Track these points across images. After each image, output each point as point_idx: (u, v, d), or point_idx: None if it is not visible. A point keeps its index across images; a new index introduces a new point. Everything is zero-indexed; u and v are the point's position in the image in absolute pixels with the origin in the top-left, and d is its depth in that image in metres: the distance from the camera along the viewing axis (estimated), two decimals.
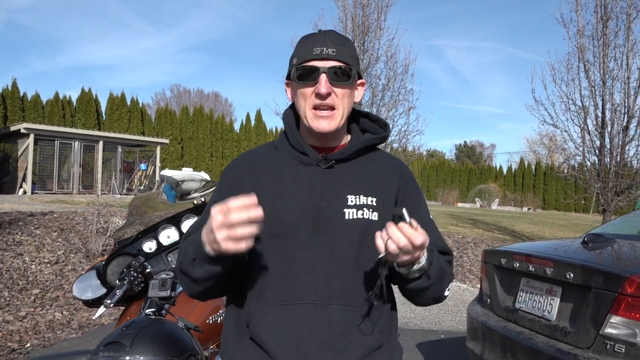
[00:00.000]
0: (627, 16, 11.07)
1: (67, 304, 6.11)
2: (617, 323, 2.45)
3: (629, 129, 10.98)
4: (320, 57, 1.28)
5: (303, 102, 1.32)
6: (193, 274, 1.22)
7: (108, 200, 9.75)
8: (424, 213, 1.40)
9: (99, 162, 20.73)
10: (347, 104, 1.33)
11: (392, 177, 1.38)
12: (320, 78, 1.27)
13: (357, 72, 1.34)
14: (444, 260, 1.34)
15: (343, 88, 1.30)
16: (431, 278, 1.23)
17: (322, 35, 1.31)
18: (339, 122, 1.32)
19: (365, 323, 1.28)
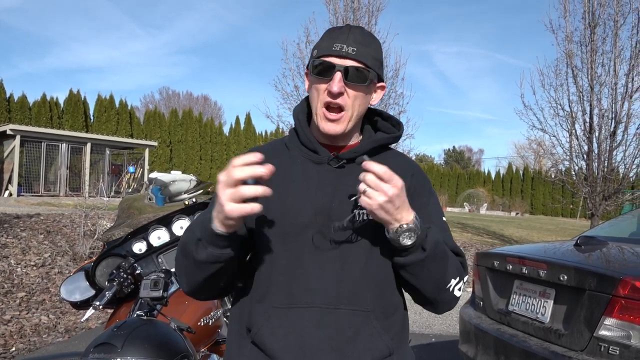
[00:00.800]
0: (614, 23, 11.22)
1: (54, 307, 6.02)
2: (611, 325, 2.44)
3: (616, 134, 11.11)
4: (339, 54, 1.23)
5: (316, 97, 1.28)
6: (196, 255, 1.16)
7: (96, 202, 9.63)
8: (434, 212, 1.35)
9: (87, 165, 20.53)
10: (359, 105, 1.28)
11: (403, 177, 1.34)
12: (335, 76, 1.22)
13: (376, 74, 1.29)
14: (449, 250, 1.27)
15: (357, 90, 1.25)
16: (426, 250, 1.17)
17: (347, 31, 1.26)
18: (346, 124, 1.28)
19: (375, 328, 1.24)
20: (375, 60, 1.27)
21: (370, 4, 12.90)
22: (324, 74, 1.24)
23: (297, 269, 1.22)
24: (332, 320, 1.20)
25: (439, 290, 1.25)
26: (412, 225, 1.14)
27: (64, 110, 24.63)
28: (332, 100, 1.24)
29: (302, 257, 1.22)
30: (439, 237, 1.23)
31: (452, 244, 1.33)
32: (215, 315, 2.38)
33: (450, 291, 1.26)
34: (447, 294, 1.26)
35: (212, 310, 2.38)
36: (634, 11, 11.05)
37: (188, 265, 1.21)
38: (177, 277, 1.29)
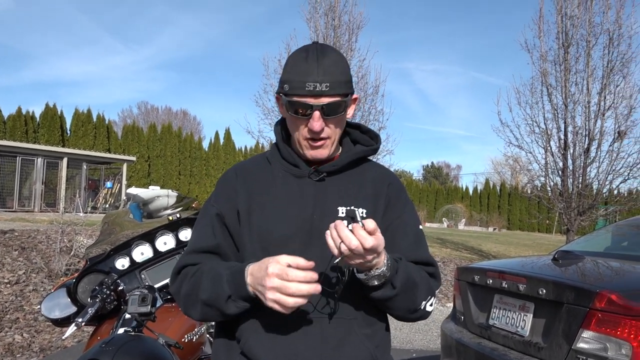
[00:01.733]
0: (587, 43, 11.57)
1: (28, 326, 5.87)
2: (588, 338, 2.50)
3: (589, 151, 11.39)
4: (313, 93, 1.23)
5: (296, 132, 1.31)
6: (226, 310, 1.21)
7: (72, 218, 9.47)
8: (410, 222, 1.39)
9: (63, 180, 20.18)
10: (340, 128, 1.33)
11: (381, 187, 1.38)
12: (314, 116, 1.24)
13: (350, 94, 1.31)
14: (419, 271, 1.31)
15: (336, 119, 1.29)
16: (396, 288, 1.21)
17: (315, 64, 1.24)
18: (330, 148, 1.33)
19: (358, 336, 1.27)
20: (347, 83, 1.29)
21: (350, 21, 13.07)
22: (300, 112, 1.26)
23: None
24: (317, 329, 1.24)
25: (409, 313, 1.31)
26: (382, 270, 1.17)
27: (40, 124, 24.25)
28: (317, 136, 1.28)
29: None
30: (411, 270, 1.27)
31: (424, 255, 1.36)
32: (199, 332, 2.36)
33: (422, 309, 1.32)
34: (418, 312, 1.32)
35: (196, 327, 2.36)
36: (605, 32, 11.43)
37: (210, 311, 1.25)
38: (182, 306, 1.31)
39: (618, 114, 11.13)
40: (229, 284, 1.18)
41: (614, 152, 11.21)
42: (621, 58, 11.17)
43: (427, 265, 1.36)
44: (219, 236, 1.32)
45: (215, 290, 1.20)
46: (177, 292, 1.31)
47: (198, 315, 1.27)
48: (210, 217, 1.34)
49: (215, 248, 1.32)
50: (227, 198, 1.35)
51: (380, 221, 1.34)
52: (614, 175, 11.29)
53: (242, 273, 1.17)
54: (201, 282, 1.24)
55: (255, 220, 1.30)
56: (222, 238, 1.32)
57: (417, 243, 1.37)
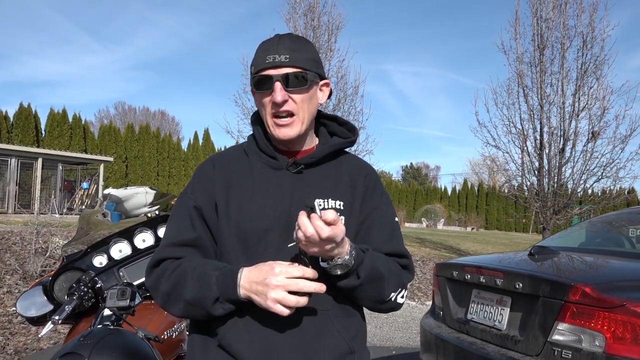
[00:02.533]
0: (562, 45, 11.81)
1: (2, 328, 5.74)
2: (564, 330, 2.55)
3: (564, 151, 11.62)
4: (272, 65, 1.26)
5: (263, 111, 1.33)
6: (213, 311, 1.21)
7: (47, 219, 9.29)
8: (386, 214, 1.40)
9: (38, 180, 19.80)
10: (308, 108, 1.32)
11: (357, 179, 1.40)
12: (275, 86, 1.26)
13: (315, 74, 1.33)
14: (389, 263, 1.32)
15: (300, 93, 1.29)
16: (360, 277, 1.22)
17: (276, 41, 1.29)
18: (300, 127, 1.32)
19: (335, 327, 1.28)
20: (311, 61, 1.31)
21: (329, 22, 13.12)
22: (264, 87, 1.28)
23: None
24: (294, 321, 1.24)
25: (377, 304, 1.32)
26: (344, 259, 1.18)
27: (14, 125, 23.77)
28: (279, 110, 1.29)
29: (264, 260, 1.24)
30: (379, 260, 1.28)
31: (397, 246, 1.38)
32: (179, 328, 2.35)
33: (392, 300, 1.33)
34: (388, 304, 1.33)
35: (175, 323, 2.35)
36: (579, 35, 11.69)
37: (193, 311, 1.24)
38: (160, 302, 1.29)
39: (592, 114, 11.39)
40: (218, 286, 1.18)
41: (588, 152, 11.46)
42: (594, 60, 11.44)
43: (400, 257, 1.38)
44: (199, 229, 1.31)
45: (202, 291, 1.20)
46: (154, 287, 1.29)
47: (179, 312, 1.26)
48: (187, 210, 1.33)
49: (195, 241, 1.30)
50: (204, 190, 1.34)
51: (358, 212, 1.36)
52: (588, 174, 11.54)
53: (234, 276, 1.17)
54: (186, 281, 1.22)
55: (234, 213, 1.30)
56: (201, 231, 1.31)
57: (392, 235, 1.39)
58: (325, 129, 1.46)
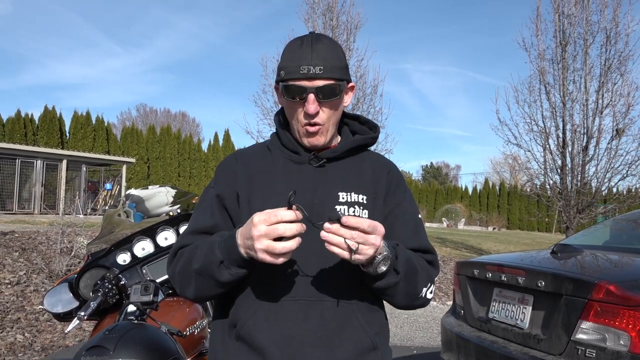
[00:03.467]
0: (584, 41, 11.61)
1: (29, 325, 5.88)
2: (587, 329, 2.52)
3: (588, 149, 11.42)
4: (307, 76, 1.25)
5: (293, 117, 1.34)
6: (219, 277, 1.19)
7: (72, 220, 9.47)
8: (409, 210, 1.41)
9: (62, 182, 20.18)
10: (336, 114, 1.34)
11: (380, 174, 1.40)
12: (309, 98, 1.26)
13: (346, 81, 1.33)
14: (418, 258, 1.32)
15: (331, 104, 1.31)
16: (400, 273, 1.21)
17: (309, 49, 1.27)
18: (326, 135, 1.34)
19: (359, 321, 1.28)
20: (341, 69, 1.31)
21: (348, 22, 13.13)
22: (297, 97, 1.28)
23: (282, 264, 1.26)
24: (317, 313, 1.24)
25: (411, 300, 1.31)
26: (385, 253, 1.17)
27: (39, 127, 24.26)
28: (311, 120, 1.29)
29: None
30: (410, 255, 1.27)
31: (423, 242, 1.38)
32: (200, 325, 2.38)
33: (423, 297, 1.32)
34: (419, 300, 1.32)
35: (197, 320, 2.38)
36: (602, 30, 11.48)
37: (203, 283, 1.24)
38: (178, 286, 1.30)
39: (616, 111, 11.20)
40: (220, 249, 1.18)
41: (612, 150, 11.26)
42: (618, 56, 11.23)
43: (425, 252, 1.38)
44: (217, 217, 1.33)
45: (207, 258, 1.20)
46: (172, 273, 1.31)
47: (192, 290, 1.26)
48: (209, 200, 1.35)
49: (212, 228, 1.31)
50: (226, 181, 1.36)
51: (381, 208, 1.37)
52: (612, 172, 11.33)
53: (233, 236, 1.16)
54: (194, 255, 1.24)
55: (255, 205, 1.30)
56: (220, 219, 1.33)
57: (417, 231, 1.39)
58: (348, 128, 1.47)
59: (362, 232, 1.09)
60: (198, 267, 1.22)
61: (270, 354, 1.23)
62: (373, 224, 1.11)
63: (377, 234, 1.12)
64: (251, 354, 1.25)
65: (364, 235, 1.09)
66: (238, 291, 1.30)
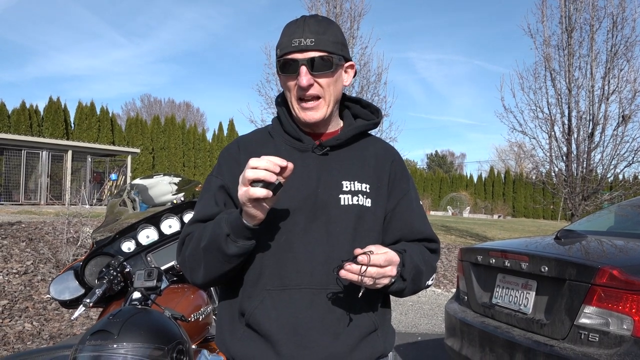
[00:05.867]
0: (590, 27, 11.49)
1: (37, 314, 5.95)
2: (590, 313, 2.52)
3: (594, 135, 11.34)
4: (298, 48, 1.26)
5: (289, 94, 1.34)
6: (227, 250, 1.20)
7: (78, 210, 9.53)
8: (414, 199, 1.42)
9: (68, 172, 20.27)
10: (334, 91, 1.33)
11: (384, 163, 1.40)
12: (300, 70, 1.27)
13: (341, 57, 1.32)
14: (423, 253, 1.35)
15: (326, 77, 1.30)
16: (406, 280, 1.25)
17: (302, 24, 1.29)
18: (326, 110, 1.33)
19: (362, 306, 1.30)
20: (336, 44, 1.31)
21: (352, 9, 13.04)
22: (290, 70, 1.29)
23: (287, 252, 1.27)
24: (322, 301, 1.26)
25: (414, 293, 1.37)
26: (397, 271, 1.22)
27: (44, 118, 24.32)
28: (305, 93, 1.29)
29: (292, 241, 1.27)
30: (414, 257, 1.30)
31: (426, 231, 1.41)
32: (205, 312, 2.40)
33: (423, 287, 1.38)
34: (421, 290, 1.39)
35: (202, 307, 2.40)
36: (609, 16, 11.35)
37: (212, 260, 1.25)
38: (188, 271, 1.32)
39: (622, 98, 11.10)
40: (226, 223, 1.20)
41: (618, 137, 11.18)
42: (625, 42, 11.11)
43: (430, 241, 1.41)
44: (222, 205, 1.34)
45: (214, 232, 1.22)
46: (182, 259, 1.32)
47: (202, 271, 1.27)
48: (213, 189, 1.36)
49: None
50: (230, 170, 1.36)
51: (385, 197, 1.37)
52: (618, 159, 11.25)
53: (239, 211, 1.19)
54: (202, 234, 1.26)
55: None
56: (224, 207, 1.34)
57: (423, 221, 1.42)
58: (349, 111, 1.47)
59: (379, 268, 1.15)
60: (206, 244, 1.23)
61: (278, 341, 1.25)
62: (389, 258, 1.16)
63: (393, 265, 1.18)
64: (260, 340, 1.27)
65: (381, 271, 1.16)
66: (245, 280, 1.31)
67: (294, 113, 1.35)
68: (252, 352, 1.28)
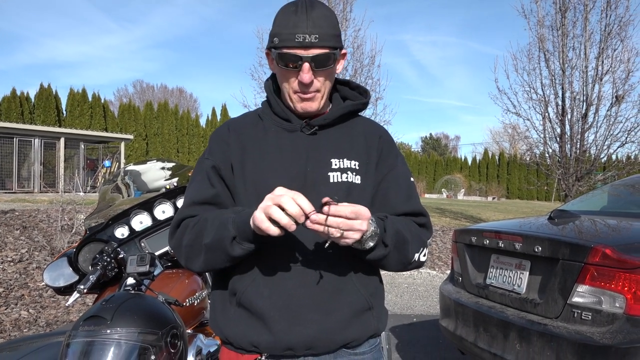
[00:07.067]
0: (584, 7, 11.43)
1: (33, 302, 5.95)
2: (583, 292, 2.54)
3: (587, 116, 11.35)
4: (302, 45, 1.24)
5: (286, 85, 1.32)
6: (232, 252, 1.20)
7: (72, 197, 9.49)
8: (402, 174, 1.41)
9: (61, 160, 20.16)
10: (330, 81, 1.34)
11: (372, 140, 1.40)
12: (304, 67, 1.25)
13: (339, 49, 1.31)
14: (408, 224, 1.33)
15: (325, 72, 1.30)
16: (388, 246, 1.23)
17: (304, 16, 1.25)
18: (320, 101, 1.33)
19: (355, 284, 1.31)
20: (336, 37, 1.29)
21: None
22: (290, 65, 1.27)
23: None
24: (314, 278, 1.26)
25: (404, 267, 1.33)
26: (372, 229, 1.18)
27: (35, 105, 24.11)
28: (306, 89, 1.29)
29: None
30: (399, 225, 1.28)
31: (414, 205, 1.39)
32: (200, 296, 2.40)
33: (416, 261, 1.34)
34: (412, 265, 1.34)
35: (197, 291, 2.40)
36: None
37: (214, 258, 1.25)
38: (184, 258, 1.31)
39: (616, 78, 11.08)
40: (234, 225, 1.19)
41: (611, 117, 11.19)
42: (619, 21, 11.07)
43: (418, 215, 1.39)
44: (217, 186, 1.33)
45: (219, 232, 1.20)
46: (178, 245, 1.31)
47: (200, 263, 1.27)
48: (206, 170, 1.35)
49: (214, 198, 1.32)
50: (220, 151, 1.36)
51: (373, 173, 1.37)
52: (611, 140, 11.28)
53: (249, 214, 1.17)
54: (205, 229, 1.24)
55: (249, 174, 1.32)
56: (220, 188, 1.34)
57: (410, 195, 1.40)
58: (338, 94, 1.46)
59: (346, 220, 1.10)
60: (209, 242, 1.23)
61: (270, 319, 1.25)
62: (356, 211, 1.11)
63: (362, 219, 1.13)
64: (252, 319, 1.28)
65: (349, 223, 1.10)
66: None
67: (288, 102, 1.35)
68: (244, 330, 1.28)
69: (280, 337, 1.25)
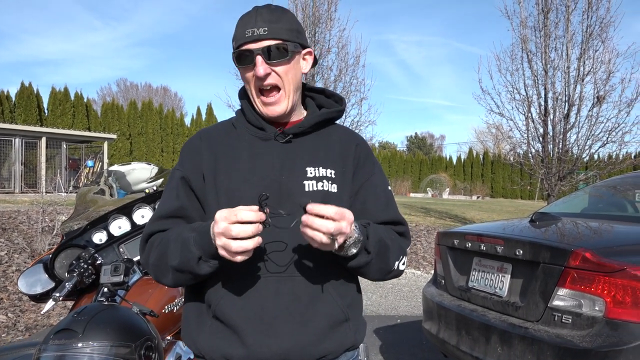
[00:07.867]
0: (566, 8, 11.55)
1: (12, 305, 5.84)
2: (564, 295, 2.56)
3: (569, 116, 11.47)
4: (252, 38, 1.26)
5: (248, 86, 1.33)
6: (199, 271, 1.19)
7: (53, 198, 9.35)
8: (379, 183, 1.40)
9: (43, 160, 19.86)
10: (292, 78, 1.31)
11: (348, 148, 1.39)
12: (256, 60, 1.26)
13: (297, 44, 1.31)
14: (389, 232, 1.32)
15: (282, 65, 1.28)
16: (370, 252, 1.22)
17: (254, 14, 1.28)
18: (287, 103, 1.32)
19: (331, 295, 1.29)
20: (290, 31, 1.30)
21: None
22: (246, 61, 1.28)
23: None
24: (288, 288, 1.24)
25: (384, 275, 1.32)
26: (355, 236, 1.17)
27: (16, 104, 23.71)
28: (263, 83, 1.28)
29: None
30: (381, 232, 1.28)
31: (393, 214, 1.38)
32: (179, 303, 2.36)
33: (395, 269, 1.33)
34: (392, 273, 1.33)
35: (176, 298, 2.36)
36: None
37: (182, 277, 1.24)
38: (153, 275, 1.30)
39: (597, 79, 11.20)
40: (196, 246, 1.17)
41: (593, 117, 11.30)
42: (600, 22, 11.18)
43: (397, 224, 1.38)
44: (183, 198, 1.32)
45: (184, 255, 1.19)
46: (145, 262, 1.31)
47: (170, 281, 1.26)
48: (175, 181, 1.34)
49: (178, 211, 1.31)
50: (191, 162, 1.35)
51: (350, 182, 1.35)
52: (593, 140, 11.41)
53: (209, 232, 1.15)
54: (168, 249, 1.23)
55: (222, 181, 1.30)
56: (185, 200, 1.32)
57: (388, 204, 1.39)
58: (314, 102, 1.45)
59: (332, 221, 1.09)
60: (176, 265, 1.21)
61: (243, 331, 1.23)
62: (340, 212, 1.10)
63: (347, 221, 1.12)
64: (227, 332, 1.25)
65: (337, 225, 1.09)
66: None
67: (256, 107, 1.34)
68: (218, 343, 1.26)
69: (254, 350, 1.22)
